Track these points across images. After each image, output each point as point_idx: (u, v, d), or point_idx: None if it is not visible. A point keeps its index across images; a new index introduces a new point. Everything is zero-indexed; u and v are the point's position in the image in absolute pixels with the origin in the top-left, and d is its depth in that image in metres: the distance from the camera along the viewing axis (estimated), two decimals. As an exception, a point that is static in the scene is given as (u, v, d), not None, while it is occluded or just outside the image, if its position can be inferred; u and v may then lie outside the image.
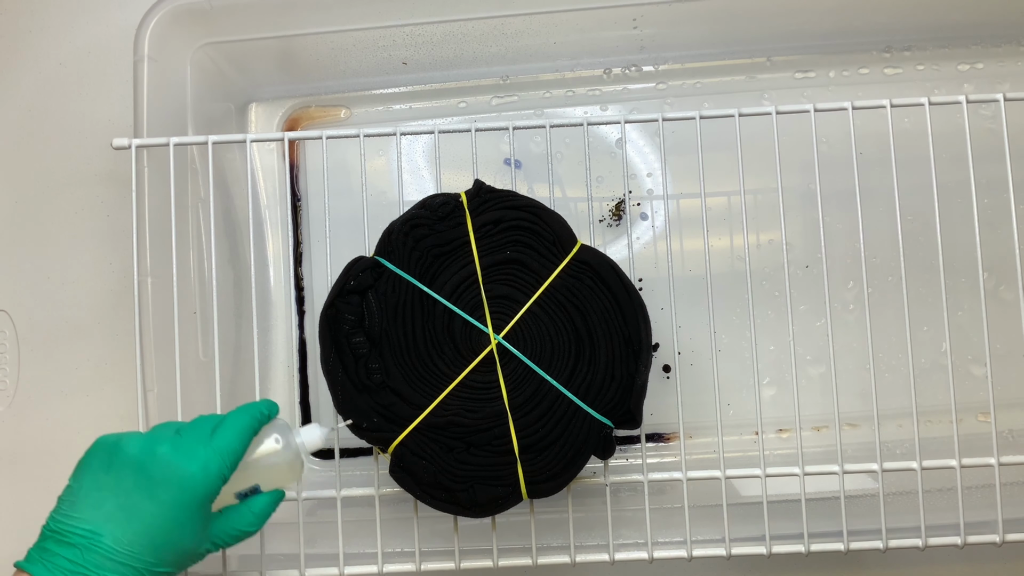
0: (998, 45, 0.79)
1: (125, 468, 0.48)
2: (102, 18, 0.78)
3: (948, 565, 0.71)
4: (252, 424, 0.52)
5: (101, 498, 0.48)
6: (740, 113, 0.64)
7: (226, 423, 0.51)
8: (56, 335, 0.76)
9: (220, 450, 0.50)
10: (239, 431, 0.51)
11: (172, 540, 0.48)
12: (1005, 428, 0.74)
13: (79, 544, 0.47)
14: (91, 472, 0.49)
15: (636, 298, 0.60)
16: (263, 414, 0.53)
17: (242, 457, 0.51)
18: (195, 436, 0.50)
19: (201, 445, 0.50)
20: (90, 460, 0.50)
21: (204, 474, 0.49)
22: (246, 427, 0.52)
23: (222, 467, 0.50)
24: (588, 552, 0.62)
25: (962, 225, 0.67)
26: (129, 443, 0.49)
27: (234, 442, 0.51)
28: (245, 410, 0.53)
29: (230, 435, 0.51)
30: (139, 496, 0.48)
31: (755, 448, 0.74)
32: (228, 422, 0.52)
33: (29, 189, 0.77)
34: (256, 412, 0.53)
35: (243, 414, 0.52)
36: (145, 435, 0.50)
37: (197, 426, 0.51)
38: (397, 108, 0.81)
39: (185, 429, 0.51)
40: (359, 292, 0.60)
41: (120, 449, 0.49)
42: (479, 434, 0.58)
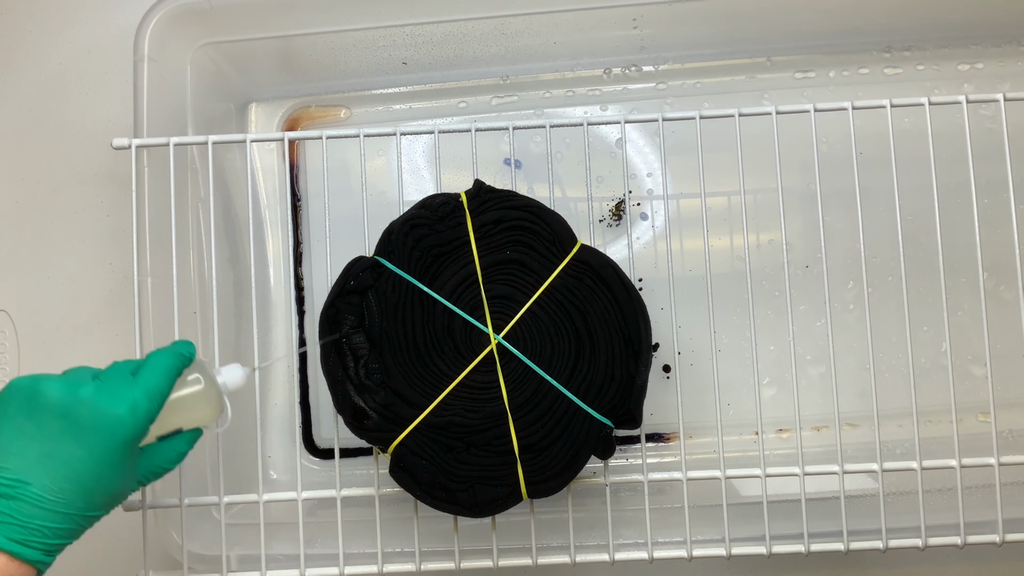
0: (998, 45, 0.79)
1: (48, 414, 0.47)
2: (102, 18, 0.78)
3: (948, 565, 0.71)
4: (176, 364, 0.51)
5: (24, 445, 0.46)
6: (740, 113, 0.64)
7: (149, 364, 0.50)
8: (56, 335, 0.76)
9: (147, 391, 0.49)
10: (164, 371, 0.50)
11: (102, 483, 0.48)
12: (1005, 428, 0.74)
13: (5, 494, 0.46)
14: (9, 418, 0.47)
15: (636, 298, 0.60)
16: (183, 355, 0.52)
17: (167, 397, 0.51)
18: (118, 378, 0.49)
19: (126, 386, 0.49)
20: (6, 406, 0.48)
21: (132, 416, 0.48)
22: (170, 367, 0.51)
23: (150, 408, 0.49)
24: (588, 552, 0.62)
25: (962, 225, 0.67)
26: (49, 387, 0.47)
27: (161, 382, 0.50)
28: (166, 351, 0.52)
29: (156, 375, 0.50)
30: (66, 441, 0.47)
31: (755, 448, 0.74)
32: (152, 363, 0.50)
33: (29, 189, 0.77)
34: (177, 352, 0.52)
35: (165, 354, 0.51)
36: (64, 378, 0.48)
37: (116, 369, 0.50)
38: (397, 108, 0.81)
39: (104, 373, 0.50)
40: (359, 292, 0.60)
41: (40, 394, 0.47)
42: (479, 434, 0.58)
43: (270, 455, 0.77)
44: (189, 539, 0.63)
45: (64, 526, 0.47)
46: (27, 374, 0.49)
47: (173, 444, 0.52)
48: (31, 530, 0.45)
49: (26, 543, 0.45)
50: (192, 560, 0.63)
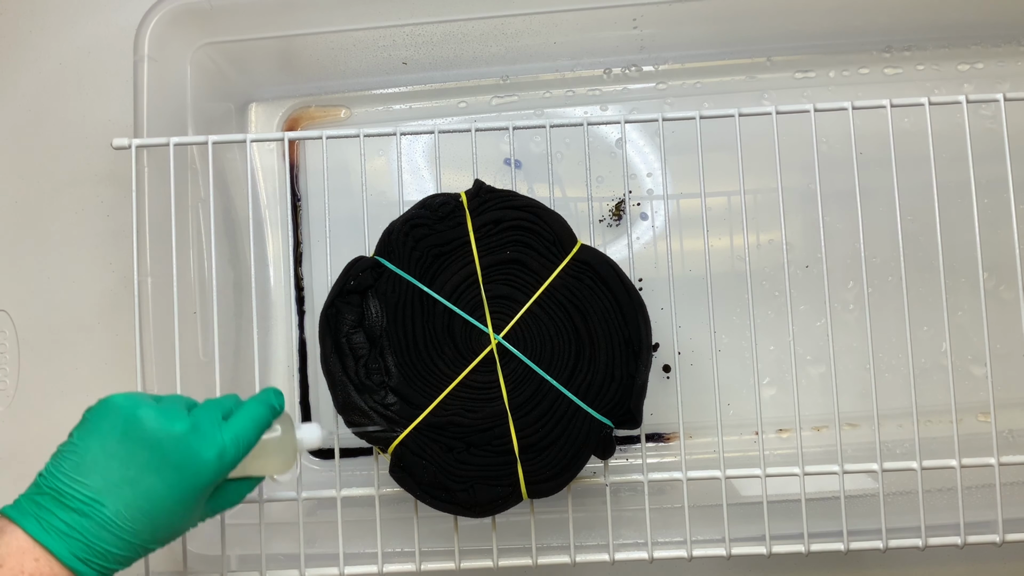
0: (998, 45, 0.79)
1: (140, 442, 0.47)
2: (102, 18, 0.78)
3: (948, 565, 0.71)
4: (268, 417, 0.52)
5: (109, 467, 0.46)
6: (740, 113, 0.64)
7: (244, 412, 0.51)
8: (56, 335, 0.76)
9: (236, 440, 0.50)
10: (255, 422, 0.51)
11: (173, 520, 0.48)
12: (1005, 428, 0.74)
13: (79, 509, 0.46)
14: (101, 436, 0.47)
15: (636, 298, 0.60)
16: (274, 409, 0.53)
17: (253, 447, 0.51)
18: (211, 419, 0.50)
19: (217, 430, 0.49)
20: (101, 423, 0.48)
21: (219, 463, 0.49)
22: (262, 419, 0.52)
23: (236, 457, 0.50)
24: (588, 552, 0.62)
25: (962, 225, 0.67)
26: (146, 416, 0.48)
27: (250, 433, 0.51)
28: (261, 401, 0.52)
29: (248, 425, 0.51)
30: (150, 474, 0.47)
31: (755, 448, 0.74)
32: (245, 412, 0.51)
33: (29, 189, 0.77)
34: (270, 405, 0.53)
35: (260, 405, 0.52)
36: (160, 409, 0.49)
37: (210, 410, 0.50)
38: (397, 108, 0.81)
39: (199, 412, 0.50)
40: (359, 292, 0.60)
41: (137, 421, 0.47)
42: (479, 434, 0.58)
43: (270, 455, 0.77)
44: (189, 539, 0.63)
45: (124, 553, 0.47)
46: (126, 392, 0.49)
47: (238, 487, 0.53)
48: (94, 551, 0.45)
49: (87, 562, 0.45)
50: (192, 560, 0.63)
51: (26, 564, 0.44)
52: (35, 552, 0.45)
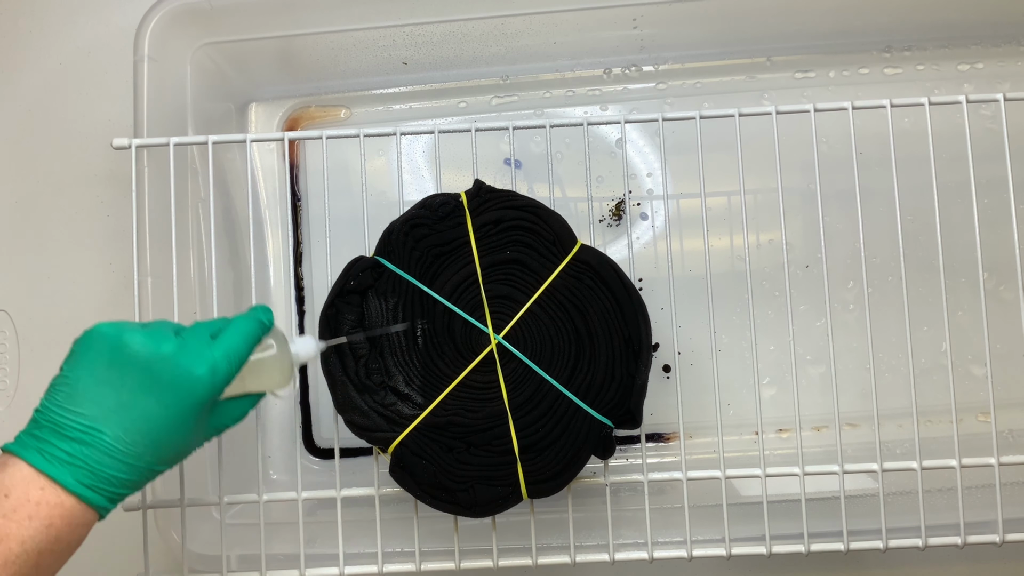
0: (998, 45, 0.79)
1: (129, 366, 0.47)
2: (102, 18, 0.78)
3: (948, 565, 0.71)
4: (257, 331, 0.52)
5: (102, 393, 0.47)
6: (740, 113, 0.64)
7: (232, 328, 0.51)
8: (56, 335, 0.75)
9: (227, 354, 0.49)
10: (244, 336, 0.51)
11: (173, 440, 0.48)
12: (1005, 428, 0.74)
13: (78, 438, 0.46)
14: (90, 364, 0.47)
15: (636, 298, 0.60)
16: (263, 323, 0.53)
17: (245, 361, 0.51)
18: (199, 338, 0.49)
19: (207, 347, 0.49)
20: (88, 352, 0.48)
21: (212, 378, 0.48)
22: (251, 333, 0.51)
23: (229, 371, 0.49)
24: (588, 552, 0.62)
25: (962, 225, 0.67)
26: (133, 339, 0.47)
27: (241, 347, 0.50)
28: (249, 317, 0.52)
29: (237, 340, 0.50)
30: (144, 396, 0.47)
31: (755, 448, 0.74)
32: (234, 327, 0.51)
33: (29, 189, 0.77)
34: (258, 320, 0.52)
35: (248, 321, 0.52)
36: (147, 332, 0.48)
37: (198, 329, 0.50)
38: (397, 108, 0.81)
39: (187, 331, 0.50)
40: (359, 292, 0.60)
41: (124, 345, 0.47)
42: (479, 434, 0.58)
43: (270, 455, 0.77)
44: (189, 539, 0.63)
45: (131, 477, 0.47)
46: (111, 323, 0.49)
47: (238, 404, 0.53)
48: (100, 477, 0.46)
49: (94, 488, 0.46)
50: (192, 560, 0.63)
51: (31, 492, 0.45)
52: (40, 481, 0.45)
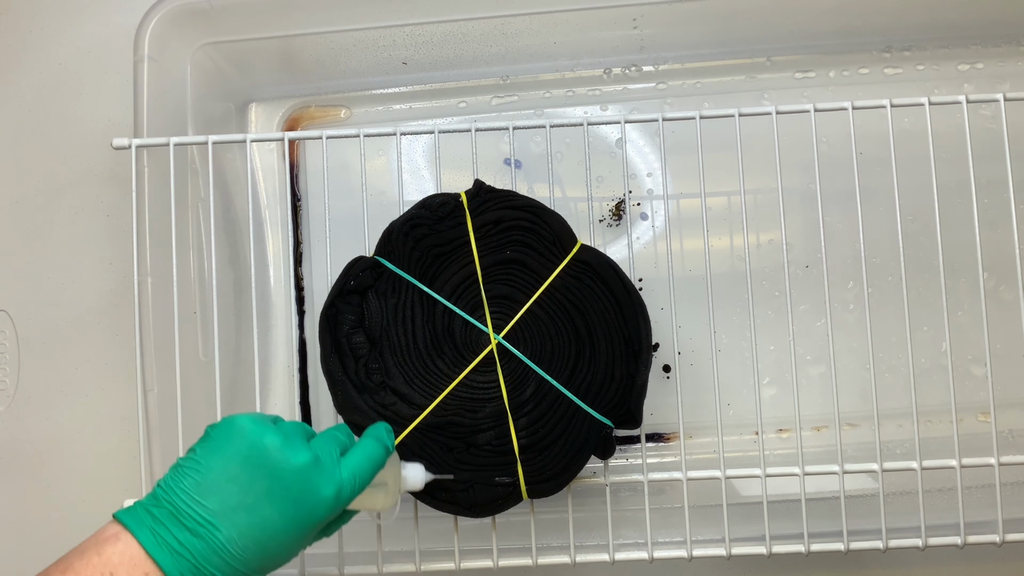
0: (998, 45, 0.79)
1: (262, 471, 0.46)
2: (102, 18, 0.78)
3: (948, 565, 0.71)
4: (383, 456, 0.52)
5: (229, 490, 0.46)
6: (740, 113, 0.64)
7: (361, 450, 0.51)
8: (56, 335, 0.76)
9: (354, 478, 0.49)
10: (372, 461, 0.51)
11: (281, 552, 0.47)
12: (1005, 428, 0.74)
13: (194, 529, 0.45)
14: (224, 458, 0.46)
15: (636, 298, 0.60)
16: (388, 449, 0.53)
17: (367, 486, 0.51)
18: (331, 455, 0.49)
19: (337, 468, 0.49)
20: (226, 444, 0.47)
21: (336, 501, 0.48)
22: (378, 459, 0.51)
23: (352, 496, 0.49)
24: (588, 552, 0.62)
25: (962, 225, 0.67)
26: (272, 443, 0.47)
27: (367, 472, 0.50)
28: (376, 439, 0.52)
29: (364, 464, 0.50)
30: (268, 503, 0.46)
31: (755, 448, 0.74)
32: (363, 451, 0.51)
33: (29, 189, 0.77)
34: (384, 444, 0.52)
35: (376, 444, 0.52)
36: (284, 437, 0.48)
37: (329, 443, 0.50)
38: (397, 108, 0.81)
39: (319, 445, 0.49)
40: (359, 292, 0.60)
41: (262, 447, 0.47)
42: (479, 434, 0.58)
43: (270, 455, 0.77)
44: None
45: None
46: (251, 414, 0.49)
47: (336, 521, 0.52)
48: (200, 572, 0.45)
49: None
50: (192, 560, 0.63)
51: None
52: (146, 566, 0.44)
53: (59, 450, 0.75)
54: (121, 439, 0.74)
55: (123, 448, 0.74)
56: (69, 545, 0.47)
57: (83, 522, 0.74)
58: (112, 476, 0.74)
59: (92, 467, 0.74)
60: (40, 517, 0.74)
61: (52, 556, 0.46)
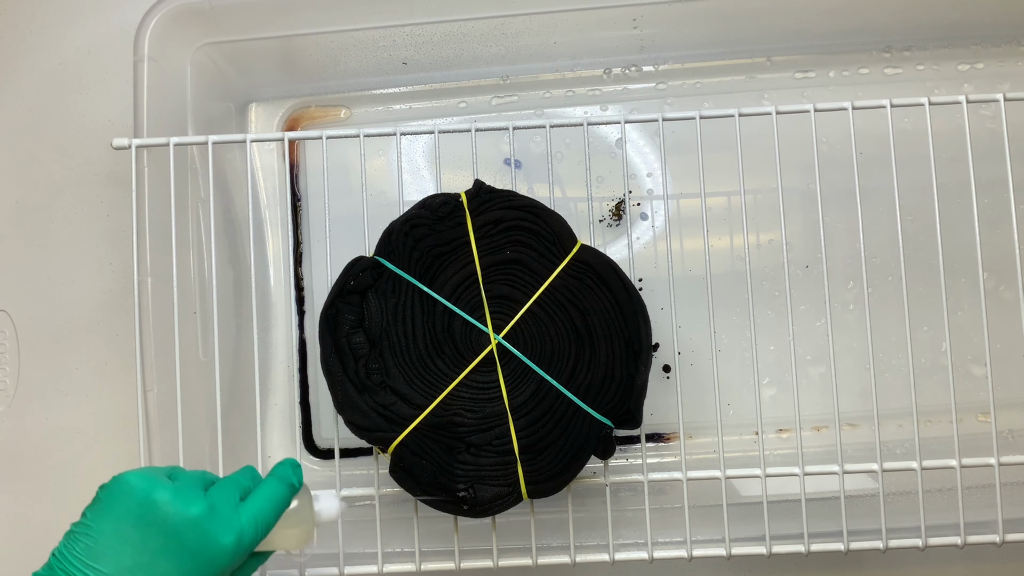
0: (998, 45, 0.79)
1: (155, 527, 0.46)
2: (102, 18, 0.78)
3: (948, 565, 0.71)
4: (287, 496, 0.51)
5: (122, 552, 0.45)
6: (740, 113, 0.64)
7: (263, 492, 0.50)
8: (56, 335, 0.76)
9: (255, 522, 0.49)
10: (274, 503, 0.50)
11: None
12: (1005, 428, 0.74)
13: None
14: (115, 520, 0.46)
15: (636, 298, 0.60)
16: (293, 487, 0.52)
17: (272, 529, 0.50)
18: (229, 501, 0.48)
19: (235, 513, 0.48)
20: (114, 506, 0.47)
21: (237, 547, 0.47)
22: (281, 499, 0.51)
23: (254, 541, 0.49)
24: (588, 552, 0.62)
25: (962, 225, 0.67)
26: (162, 499, 0.46)
27: (269, 515, 0.50)
28: (280, 478, 0.51)
29: (266, 507, 0.50)
30: (164, 560, 0.46)
31: (755, 448, 0.74)
32: (264, 491, 0.50)
33: (29, 189, 0.77)
34: (289, 483, 0.52)
35: (279, 484, 0.51)
36: (177, 491, 0.47)
37: (228, 490, 0.49)
38: (397, 108, 0.81)
39: (216, 491, 0.49)
40: (359, 292, 0.60)
41: (152, 504, 0.46)
42: (479, 434, 0.58)
43: (270, 455, 0.77)
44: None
45: None
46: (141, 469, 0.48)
47: (250, 563, 0.51)
48: None
49: None
50: (192, 560, 0.63)
51: None
52: None
53: (59, 450, 0.75)
54: (121, 439, 0.74)
55: (123, 448, 0.74)
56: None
57: (83, 522, 0.74)
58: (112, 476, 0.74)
59: (92, 467, 0.74)
60: (40, 517, 0.74)
61: (52, 556, 0.46)
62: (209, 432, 0.69)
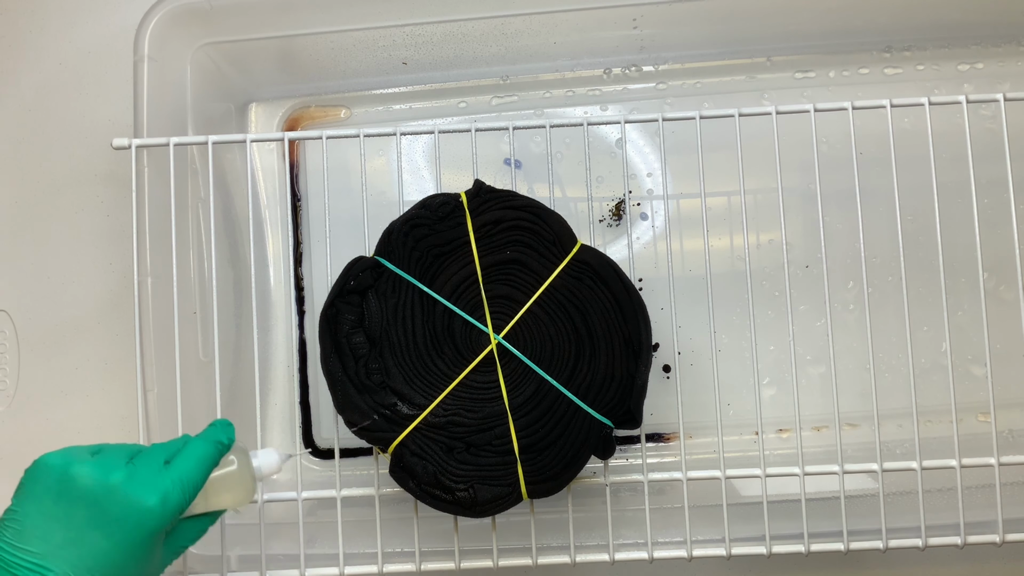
0: (998, 45, 0.79)
1: (76, 500, 0.46)
2: (102, 18, 0.78)
3: (948, 565, 0.71)
4: (213, 454, 0.51)
5: (49, 529, 0.45)
6: (740, 113, 0.64)
7: (187, 453, 0.50)
8: (56, 335, 0.76)
9: (181, 482, 0.48)
10: (199, 461, 0.50)
11: (127, 573, 0.46)
12: (1005, 428, 0.74)
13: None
14: (37, 499, 0.46)
15: (636, 298, 0.60)
16: (221, 444, 0.52)
17: (201, 487, 0.50)
18: (152, 465, 0.48)
19: (159, 475, 0.48)
20: (35, 486, 0.47)
21: (163, 508, 0.47)
22: (207, 457, 0.50)
23: (182, 500, 0.48)
24: (588, 552, 0.62)
25: (962, 225, 0.67)
26: (80, 473, 0.46)
27: (195, 473, 0.49)
28: (206, 438, 0.51)
29: (191, 465, 0.49)
30: (92, 530, 0.46)
31: (755, 448, 0.74)
32: (188, 452, 0.50)
33: (29, 189, 0.77)
34: (217, 441, 0.51)
35: (205, 443, 0.51)
36: (96, 462, 0.47)
37: (153, 453, 0.49)
38: (397, 108, 0.81)
39: (140, 457, 0.49)
40: (359, 292, 0.60)
41: (71, 479, 0.46)
42: (479, 434, 0.58)
43: (270, 455, 0.77)
44: (189, 539, 0.63)
45: None
46: (62, 449, 0.48)
47: (197, 523, 0.51)
48: None
49: None
50: (192, 560, 0.63)
51: None
52: None
53: (59, 450, 0.75)
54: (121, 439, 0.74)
55: (123, 448, 0.74)
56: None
57: (83, 522, 0.74)
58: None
59: (92, 467, 0.74)
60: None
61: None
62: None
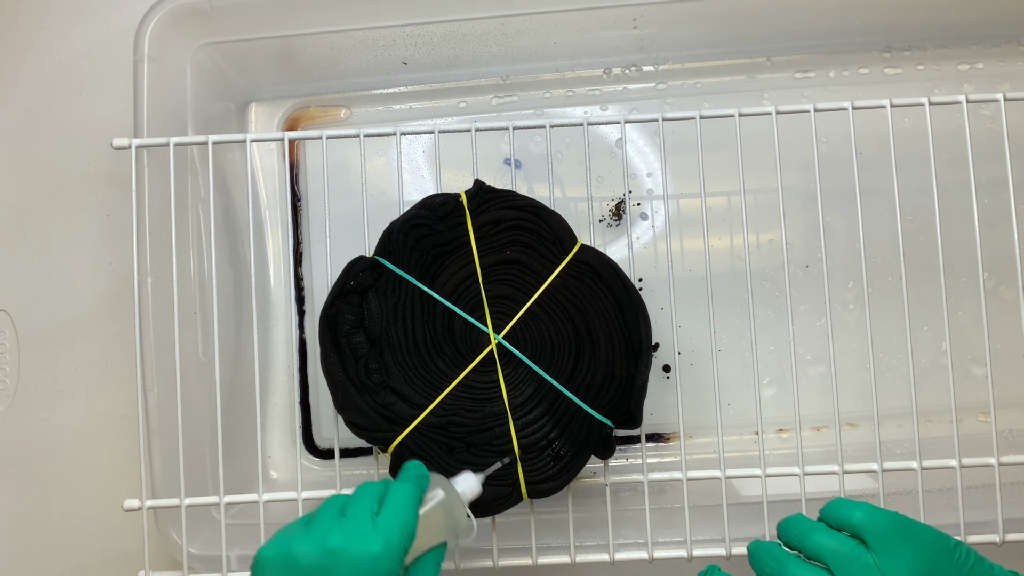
0: (998, 45, 0.79)
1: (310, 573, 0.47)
2: (102, 18, 0.78)
3: (948, 565, 0.70)
4: (416, 491, 0.52)
5: None
6: (740, 113, 0.64)
7: (392, 495, 0.50)
8: (56, 335, 0.76)
9: (398, 522, 0.49)
10: (406, 500, 0.50)
11: None
12: (1005, 428, 0.74)
13: None
14: None
15: (636, 298, 0.60)
16: (420, 478, 0.53)
17: (416, 524, 0.50)
18: (363, 515, 0.49)
19: (373, 522, 0.49)
20: None
21: (387, 550, 0.48)
22: (412, 494, 0.51)
23: (403, 539, 0.49)
24: (588, 552, 0.62)
25: (962, 225, 0.67)
26: (301, 551, 0.48)
27: (405, 509, 0.50)
28: (404, 479, 0.52)
29: (399, 504, 0.50)
30: None
31: (755, 448, 0.74)
32: (394, 493, 0.51)
33: (29, 189, 0.77)
34: (414, 477, 0.52)
35: (405, 483, 0.52)
36: (310, 533, 0.48)
37: (361, 503, 0.50)
38: (397, 108, 0.81)
39: (349, 508, 0.50)
40: (359, 292, 0.60)
41: (295, 561, 0.47)
42: (479, 434, 0.58)
43: (270, 455, 0.77)
44: (189, 539, 0.63)
45: None
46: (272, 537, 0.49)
47: (429, 560, 0.52)
48: None
49: None
50: (192, 560, 0.63)
51: None
52: None
53: (59, 450, 0.75)
54: (121, 439, 0.74)
55: (123, 448, 0.74)
56: (69, 545, 0.47)
57: (83, 522, 0.74)
58: (112, 476, 0.74)
59: (92, 467, 0.74)
60: (40, 517, 0.74)
61: (52, 556, 0.46)
62: (209, 432, 0.69)
